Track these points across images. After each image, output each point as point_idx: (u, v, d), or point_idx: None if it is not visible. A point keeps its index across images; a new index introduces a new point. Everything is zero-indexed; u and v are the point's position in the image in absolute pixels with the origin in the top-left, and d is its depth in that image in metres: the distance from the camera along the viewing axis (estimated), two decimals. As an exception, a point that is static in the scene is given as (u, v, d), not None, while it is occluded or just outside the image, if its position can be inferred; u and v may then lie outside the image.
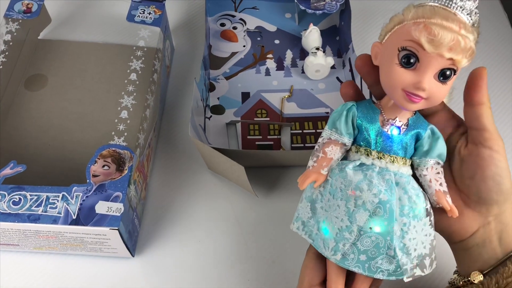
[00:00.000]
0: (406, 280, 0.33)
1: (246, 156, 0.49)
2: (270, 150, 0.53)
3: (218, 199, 0.50)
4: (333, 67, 0.60)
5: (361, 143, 0.35)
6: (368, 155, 0.34)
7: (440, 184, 0.35)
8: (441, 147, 0.35)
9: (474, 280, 0.35)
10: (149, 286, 0.45)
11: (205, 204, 0.50)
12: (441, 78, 0.31)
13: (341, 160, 0.36)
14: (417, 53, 0.31)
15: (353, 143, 0.36)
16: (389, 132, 0.34)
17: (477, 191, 0.34)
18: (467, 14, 0.31)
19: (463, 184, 0.35)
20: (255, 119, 0.56)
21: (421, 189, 0.35)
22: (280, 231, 0.48)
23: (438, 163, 0.35)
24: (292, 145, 0.54)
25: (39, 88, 0.51)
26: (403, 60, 0.31)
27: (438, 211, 0.35)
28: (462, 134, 0.36)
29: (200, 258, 0.46)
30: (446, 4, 0.31)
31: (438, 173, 0.35)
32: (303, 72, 0.60)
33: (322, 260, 0.37)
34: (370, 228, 0.33)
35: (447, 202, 0.35)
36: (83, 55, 0.54)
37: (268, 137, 0.54)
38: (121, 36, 0.57)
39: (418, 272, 0.34)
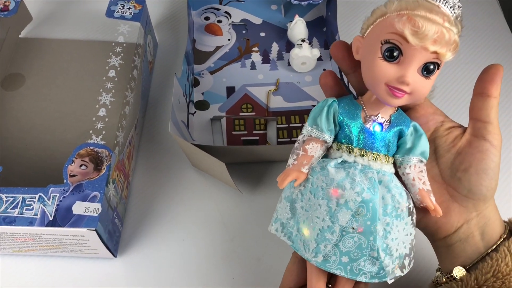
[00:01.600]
0: (389, 282, 0.33)
1: (230, 152, 0.48)
2: (255, 145, 0.52)
3: (202, 197, 0.49)
4: (319, 59, 0.59)
5: (343, 140, 0.34)
6: (350, 152, 0.33)
7: (424, 183, 0.34)
8: (424, 145, 0.34)
9: (456, 276, 0.34)
10: (132, 286, 0.44)
11: (190, 201, 0.49)
12: (425, 72, 0.30)
13: (322, 158, 0.35)
14: (401, 46, 0.30)
15: (334, 140, 0.35)
16: (371, 129, 0.33)
17: (469, 184, 0.34)
18: (450, 7, 0.30)
19: (453, 177, 0.35)
20: (240, 114, 0.54)
21: (404, 188, 0.34)
22: (266, 228, 0.46)
23: (421, 161, 0.34)
24: (278, 140, 0.53)
25: (16, 88, 0.50)
26: (386, 53, 0.30)
27: (423, 208, 0.35)
28: (449, 129, 0.36)
29: (184, 257, 0.45)
30: None
31: (421, 171, 0.34)
32: (289, 65, 0.58)
33: (304, 263, 0.36)
34: (353, 228, 0.31)
35: (431, 201, 0.34)
36: (63, 53, 0.53)
37: (254, 132, 0.53)
38: (100, 33, 0.56)
39: (398, 272, 0.33)
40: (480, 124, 0.33)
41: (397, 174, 0.35)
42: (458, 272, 0.34)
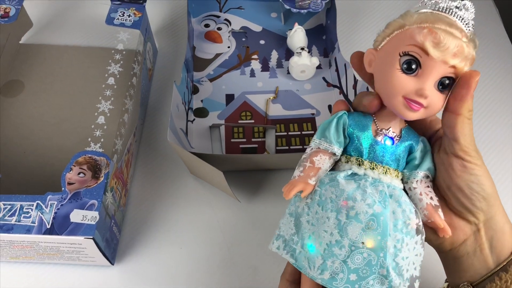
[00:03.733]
0: None
1: (228, 160, 0.48)
2: (254, 153, 0.52)
3: (200, 205, 0.49)
4: (319, 67, 0.59)
5: (352, 153, 0.33)
6: (360, 165, 0.32)
7: (431, 198, 0.33)
8: (431, 161, 0.33)
9: None
10: (129, 295, 0.44)
11: (187, 209, 0.49)
12: (440, 87, 0.30)
13: (329, 171, 0.33)
14: (420, 58, 0.29)
15: (342, 154, 0.33)
16: (382, 142, 0.32)
17: (457, 201, 0.33)
18: (466, 24, 0.30)
19: (445, 193, 0.33)
20: (239, 121, 0.55)
21: (413, 205, 0.33)
22: (263, 237, 0.47)
23: (427, 177, 0.33)
24: (277, 148, 0.53)
25: (15, 94, 0.50)
26: (404, 65, 0.30)
27: (428, 226, 0.33)
28: (436, 141, 0.34)
29: (181, 265, 0.45)
30: (447, 12, 0.30)
31: (428, 186, 0.33)
32: (288, 72, 0.59)
33: (297, 287, 0.35)
34: (362, 243, 0.30)
35: (439, 217, 0.32)
36: (62, 60, 0.53)
37: (253, 140, 0.53)
38: (100, 40, 0.56)
39: None
40: (447, 141, 0.32)
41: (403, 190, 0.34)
42: None
